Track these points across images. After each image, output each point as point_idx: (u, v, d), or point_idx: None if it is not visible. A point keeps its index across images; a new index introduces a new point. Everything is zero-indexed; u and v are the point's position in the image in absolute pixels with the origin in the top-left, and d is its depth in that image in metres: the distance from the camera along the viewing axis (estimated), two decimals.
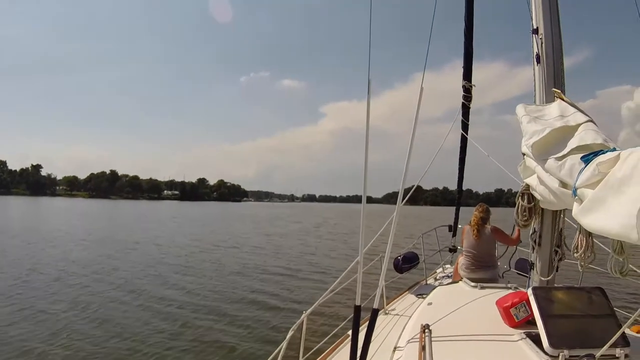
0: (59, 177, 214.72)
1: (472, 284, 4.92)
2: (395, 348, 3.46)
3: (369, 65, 2.23)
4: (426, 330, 3.00)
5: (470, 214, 6.13)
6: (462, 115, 6.75)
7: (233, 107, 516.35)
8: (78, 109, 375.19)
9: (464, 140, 7.37)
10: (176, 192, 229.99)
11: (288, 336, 3.41)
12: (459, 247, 8.02)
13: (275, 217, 70.34)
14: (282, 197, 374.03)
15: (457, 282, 5.64)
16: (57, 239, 26.55)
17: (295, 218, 66.34)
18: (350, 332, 4.33)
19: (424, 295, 5.41)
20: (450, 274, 7.24)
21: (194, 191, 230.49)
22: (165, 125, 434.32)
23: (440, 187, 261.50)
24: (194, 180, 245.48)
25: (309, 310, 3.74)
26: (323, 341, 4.85)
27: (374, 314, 2.29)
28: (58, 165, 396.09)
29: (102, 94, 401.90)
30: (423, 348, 2.77)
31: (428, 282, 7.04)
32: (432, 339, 2.91)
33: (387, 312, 5.40)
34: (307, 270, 17.07)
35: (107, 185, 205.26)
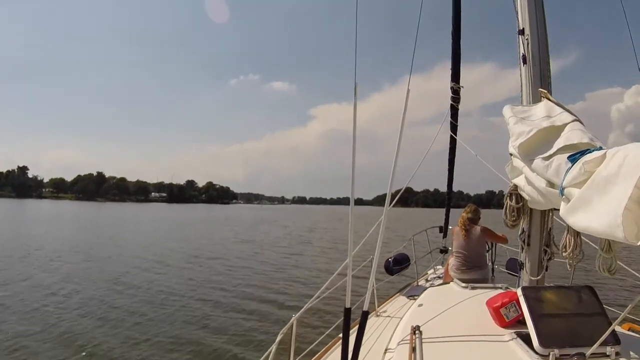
0: (46, 179, 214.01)
1: (463, 284, 4.95)
2: (385, 350, 3.47)
3: (355, 70, 2.27)
4: (416, 332, 3.01)
5: (459, 216, 6.17)
6: (451, 117, 6.81)
7: (222, 110, 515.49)
8: (65, 113, 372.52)
9: (453, 142, 7.44)
10: (164, 195, 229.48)
11: (277, 340, 3.41)
12: (449, 248, 8.10)
13: (258, 220, 68.96)
14: (272, 200, 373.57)
15: (447, 283, 5.67)
16: None
17: (282, 221, 65.19)
18: (340, 335, 4.31)
19: (415, 297, 5.41)
20: (441, 275, 7.28)
21: (182, 193, 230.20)
22: (154, 129, 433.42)
23: (431, 189, 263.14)
24: (182, 182, 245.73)
25: (298, 314, 3.74)
26: (313, 344, 4.85)
27: (364, 316, 2.30)
28: (45, 167, 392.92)
29: (88, 98, 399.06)
30: (413, 350, 2.77)
31: (419, 283, 7.08)
32: (423, 340, 2.92)
33: (378, 314, 5.41)
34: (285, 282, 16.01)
35: (93, 188, 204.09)
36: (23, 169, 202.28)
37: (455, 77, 6.87)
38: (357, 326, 2.32)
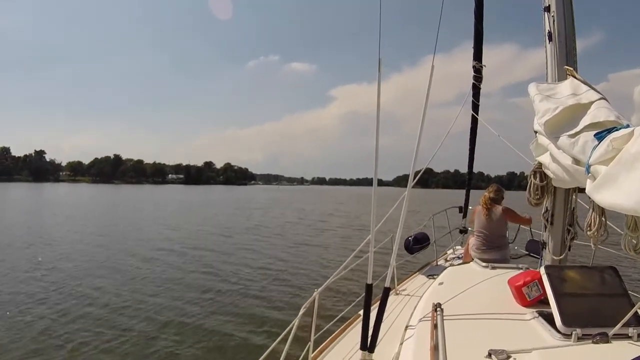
0: (64, 163, 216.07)
1: (483, 264, 4.97)
2: (406, 327, 3.50)
3: (379, 44, 2.25)
4: (438, 309, 3.03)
5: (480, 197, 6.15)
6: (473, 96, 6.78)
7: (241, 92, 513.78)
8: (82, 97, 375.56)
9: (474, 121, 7.40)
10: (181, 176, 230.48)
11: (300, 314, 3.44)
12: (469, 229, 8.11)
13: (272, 202, 68.98)
14: (291, 181, 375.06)
15: (468, 262, 5.70)
16: None
17: (296, 203, 64.93)
18: (361, 312, 4.35)
19: (435, 276, 5.45)
20: (460, 255, 7.31)
21: (199, 175, 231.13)
22: (172, 113, 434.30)
23: (452, 170, 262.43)
24: (199, 164, 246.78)
25: (320, 288, 3.78)
26: (334, 320, 4.89)
27: (386, 292, 2.33)
28: (63, 152, 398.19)
29: (105, 83, 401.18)
30: (435, 326, 2.79)
31: (438, 263, 7.11)
32: (444, 317, 2.93)
33: (397, 292, 5.46)
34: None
35: (110, 170, 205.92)
36: (40, 153, 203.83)
37: (478, 55, 6.81)
38: (378, 302, 2.35)
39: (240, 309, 10.20)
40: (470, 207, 8.09)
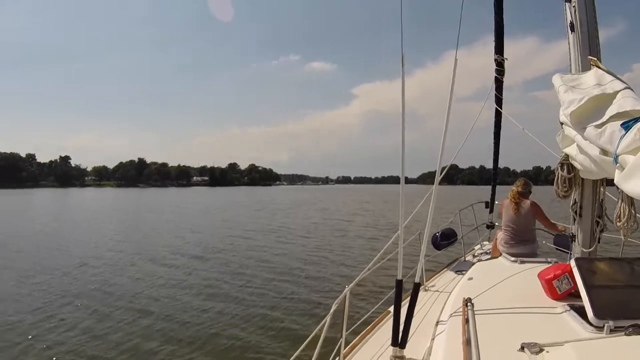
0: (89, 168, 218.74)
1: (512, 258, 4.95)
2: (437, 322, 3.52)
3: (401, 40, 2.28)
4: (469, 304, 3.05)
5: (506, 193, 6.12)
6: (496, 90, 6.73)
7: (264, 91, 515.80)
8: (108, 103, 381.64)
9: (498, 115, 7.35)
10: (205, 178, 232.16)
11: (332, 310, 3.44)
12: (496, 224, 8.11)
13: (296, 202, 68.63)
14: (316, 180, 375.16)
15: (496, 257, 5.69)
16: None
17: (320, 204, 64.60)
18: (390, 308, 4.49)
19: (463, 272, 5.46)
20: (488, 251, 7.27)
21: (223, 176, 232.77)
22: (194, 113, 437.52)
23: (477, 166, 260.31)
24: (224, 165, 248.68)
25: (351, 285, 3.80)
26: (365, 316, 4.97)
27: (416, 288, 2.37)
28: (87, 156, 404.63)
29: (131, 87, 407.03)
30: (466, 321, 2.81)
31: (466, 258, 7.09)
32: (475, 312, 2.95)
33: (426, 288, 5.45)
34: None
35: (135, 174, 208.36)
36: (65, 159, 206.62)
37: (499, 49, 6.76)
38: (407, 298, 2.39)
39: (271, 308, 10.43)
40: (496, 202, 8.03)
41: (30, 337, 8.66)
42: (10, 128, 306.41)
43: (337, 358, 3.66)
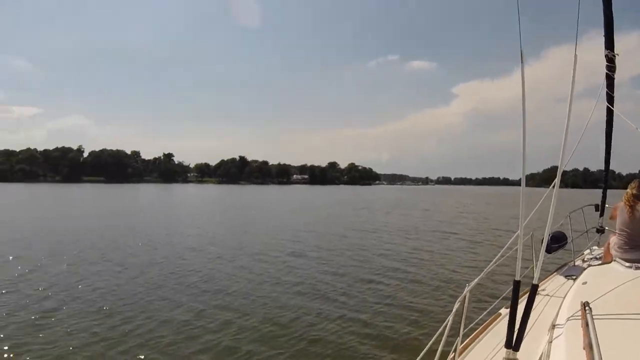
0: (192, 165, 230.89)
1: (627, 264, 4.79)
2: (553, 325, 3.55)
3: (519, 36, 2.32)
4: (587, 308, 3.02)
5: (616, 197, 5.97)
6: (607, 87, 6.53)
7: (363, 92, 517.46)
8: (209, 102, 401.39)
9: (609, 114, 7.10)
10: (305, 176, 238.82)
11: (454, 309, 3.55)
12: (606, 228, 7.84)
13: (396, 202, 69.01)
14: (415, 180, 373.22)
15: (608, 262, 5.53)
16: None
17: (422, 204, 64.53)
18: (501, 310, 4.64)
19: (574, 277, 5.39)
20: (597, 256, 7.12)
21: (323, 175, 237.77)
22: (293, 115, 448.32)
23: (580, 168, 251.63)
24: (324, 164, 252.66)
25: (472, 284, 3.87)
26: (481, 315, 5.07)
27: (534, 289, 2.43)
28: (190, 154, 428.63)
29: (226, 88, 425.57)
30: (586, 325, 2.79)
31: (576, 263, 6.96)
32: (594, 316, 2.91)
33: (537, 292, 5.38)
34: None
35: (236, 172, 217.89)
36: (168, 156, 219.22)
37: (609, 44, 6.56)
38: (523, 298, 2.43)
39: (387, 306, 10.84)
40: (607, 205, 7.80)
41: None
42: (118, 128, 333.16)
43: (452, 356, 3.70)
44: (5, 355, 8.21)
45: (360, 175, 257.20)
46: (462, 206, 58.80)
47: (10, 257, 16.23)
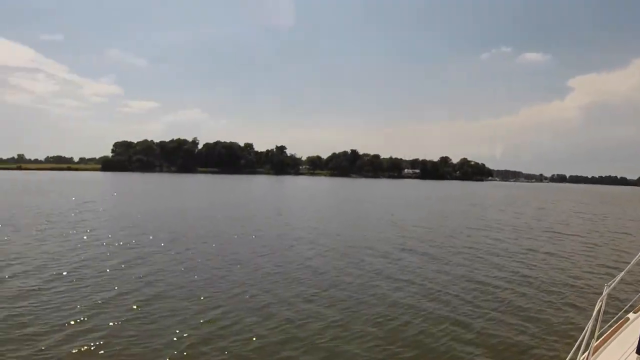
0: (304, 157, 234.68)
1: None
2: None
3: None
4: None
5: None
6: None
7: (474, 84, 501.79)
8: (319, 96, 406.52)
9: None
10: (417, 171, 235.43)
11: (596, 309, 3.63)
12: None
13: (509, 199, 68.07)
14: (529, 177, 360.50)
15: None
16: None
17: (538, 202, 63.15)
18: (629, 314, 5.01)
19: None
20: None
21: (435, 169, 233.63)
22: (407, 106, 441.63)
23: None
24: (435, 159, 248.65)
25: (611, 284, 3.98)
26: (612, 321, 4.86)
27: None
28: (303, 147, 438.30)
29: (337, 82, 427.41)
30: None
31: None
32: None
33: None
34: None
35: (347, 165, 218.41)
36: (281, 149, 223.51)
37: None
38: None
39: (503, 313, 10.57)
40: None
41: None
42: (232, 121, 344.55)
43: (585, 355, 3.68)
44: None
45: (472, 171, 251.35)
46: (578, 205, 57.39)
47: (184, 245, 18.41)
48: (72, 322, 9.17)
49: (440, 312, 10.41)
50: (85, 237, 19.02)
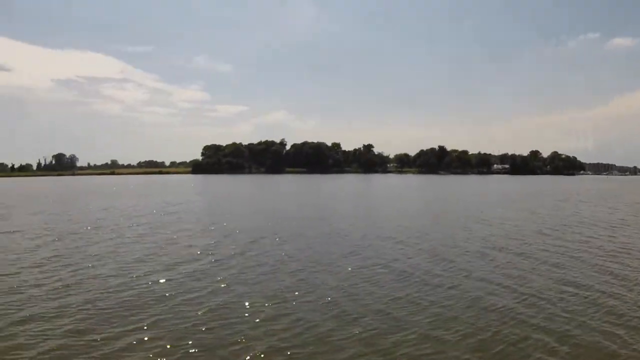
0: (391, 155, 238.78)
1: None
2: None
3: None
4: None
5: None
6: None
7: (561, 73, 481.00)
8: (403, 92, 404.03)
9: None
10: (506, 166, 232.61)
11: None
12: None
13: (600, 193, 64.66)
14: (623, 170, 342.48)
15: None
16: None
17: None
18: None
19: None
20: None
21: (524, 164, 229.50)
22: (485, 100, 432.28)
23: None
24: (525, 153, 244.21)
25: None
26: None
27: None
28: (390, 144, 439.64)
29: (419, 74, 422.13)
30: None
31: None
32: None
33: None
34: None
35: (435, 161, 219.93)
36: (368, 147, 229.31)
37: None
38: None
39: (618, 317, 10.27)
40: None
41: None
42: (319, 122, 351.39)
43: None
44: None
45: (563, 165, 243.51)
46: None
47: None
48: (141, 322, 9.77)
49: (534, 320, 9.96)
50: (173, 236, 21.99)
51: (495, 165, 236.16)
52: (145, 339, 8.91)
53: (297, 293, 11.88)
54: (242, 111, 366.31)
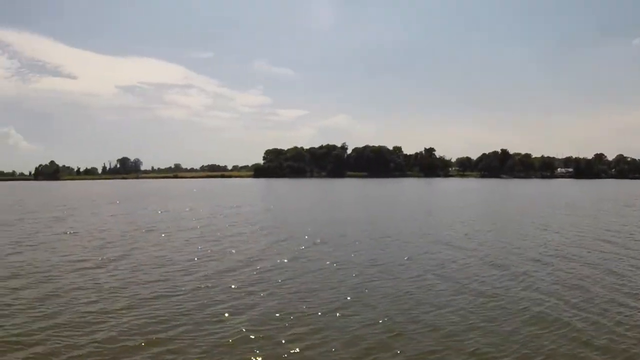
0: (453, 159, 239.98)
1: None
2: None
3: None
4: None
5: None
6: None
7: (626, 73, 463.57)
8: (462, 95, 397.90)
9: None
10: (570, 170, 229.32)
11: None
12: None
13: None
14: None
15: None
16: None
17: None
18: None
19: None
20: None
21: (589, 168, 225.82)
22: (555, 100, 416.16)
23: None
24: (589, 156, 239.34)
25: None
26: None
27: None
28: (451, 148, 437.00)
29: (481, 76, 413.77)
30: None
31: None
32: None
33: None
34: None
35: (497, 165, 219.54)
36: (430, 150, 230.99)
37: None
38: None
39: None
40: None
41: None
42: (381, 126, 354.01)
43: None
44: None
45: (629, 168, 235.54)
46: None
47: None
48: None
49: (595, 342, 9.43)
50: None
51: (559, 169, 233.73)
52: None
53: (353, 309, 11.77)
54: (303, 115, 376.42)
